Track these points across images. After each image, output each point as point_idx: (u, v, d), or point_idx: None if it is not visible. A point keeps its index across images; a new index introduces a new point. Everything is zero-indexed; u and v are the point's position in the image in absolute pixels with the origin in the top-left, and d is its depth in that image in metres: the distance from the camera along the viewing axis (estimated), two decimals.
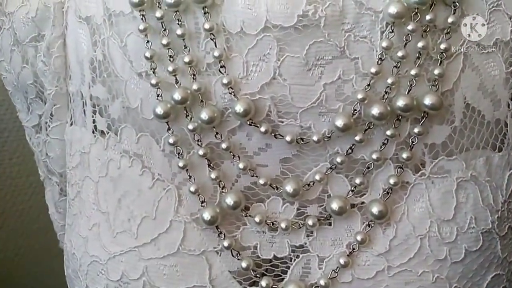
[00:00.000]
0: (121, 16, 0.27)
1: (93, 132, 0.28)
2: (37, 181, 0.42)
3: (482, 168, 0.27)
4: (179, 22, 0.25)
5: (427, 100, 0.25)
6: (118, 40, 0.27)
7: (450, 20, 0.25)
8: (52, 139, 0.32)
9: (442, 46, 0.25)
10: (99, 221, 0.27)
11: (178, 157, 0.26)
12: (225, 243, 0.25)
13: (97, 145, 0.28)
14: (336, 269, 0.25)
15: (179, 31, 0.25)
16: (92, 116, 0.28)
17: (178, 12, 0.25)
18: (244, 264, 0.25)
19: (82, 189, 0.28)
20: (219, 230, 0.25)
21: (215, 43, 0.25)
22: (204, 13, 0.25)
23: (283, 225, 0.25)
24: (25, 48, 0.31)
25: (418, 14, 0.25)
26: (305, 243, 0.26)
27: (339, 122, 0.25)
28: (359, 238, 0.25)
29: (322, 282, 0.25)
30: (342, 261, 0.25)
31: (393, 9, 0.24)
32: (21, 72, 0.32)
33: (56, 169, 0.33)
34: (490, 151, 0.27)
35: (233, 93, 0.25)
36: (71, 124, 0.30)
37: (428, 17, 0.25)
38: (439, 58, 0.26)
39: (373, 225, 0.25)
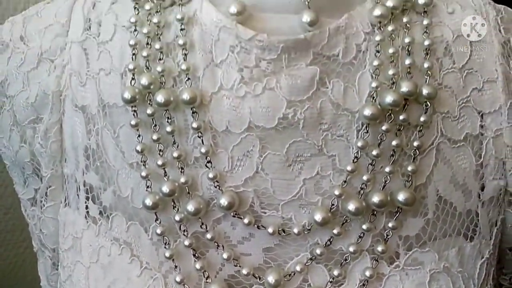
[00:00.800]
0: (115, 108, 0.29)
1: (85, 217, 0.30)
2: None
3: (455, 259, 0.28)
4: (169, 120, 0.27)
5: (401, 196, 0.26)
6: (111, 130, 0.29)
7: (422, 118, 0.27)
8: (46, 217, 0.33)
9: (415, 144, 0.27)
10: None
11: (165, 247, 0.27)
12: None
13: (89, 231, 0.29)
14: None
15: (169, 128, 0.27)
16: (85, 202, 0.30)
17: (168, 111, 0.27)
18: None
19: (73, 273, 0.29)
20: None
21: (202, 140, 0.27)
22: (193, 112, 0.27)
23: None
24: (24, 129, 0.33)
25: (392, 115, 0.27)
26: None
27: (318, 217, 0.26)
28: None
29: None
30: None
31: (368, 111, 0.26)
32: (19, 150, 0.34)
33: (49, 245, 0.34)
34: (462, 241, 0.29)
35: (218, 186, 0.27)
36: (65, 205, 0.32)
37: (401, 117, 0.27)
38: (412, 154, 0.27)
39: None
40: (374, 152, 0.26)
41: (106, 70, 0.29)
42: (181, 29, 0.27)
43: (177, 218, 0.27)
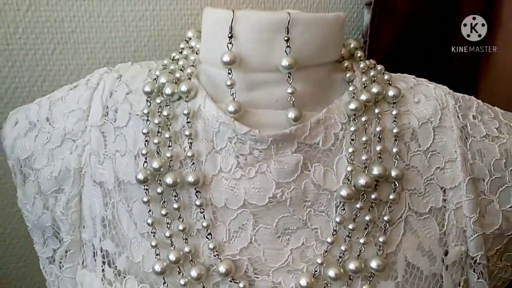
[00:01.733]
0: (129, 185, 0.34)
1: (102, 279, 0.34)
2: None
3: None
4: (176, 198, 0.32)
5: (373, 263, 0.31)
6: (125, 204, 0.33)
7: (391, 196, 0.32)
8: (65, 277, 0.37)
9: (386, 218, 0.32)
10: None
11: None
12: None
13: None
14: None
15: (175, 205, 0.32)
16: (102, 266, 0.34)
17: (175, 190, 0.32)
18: None
19: None
20: None
21: (203, 215, 0.31)
22: (196, 191, 0.32)
23: None
24: (47, 197, 0.37)
25: (365, 195, 0.32)
26: None
27: (303, 282, 0.31)
28: None
29: None
30: None
31: (344, 192, 0.31)
32: (42, 216, 0.38)
33: None
34: None
35: (217, 255, 0.31)
36: (83, 267, 0.36)
37: (373, 196, 0.32)
38: (383, 227, 0.32)
39: None
40: (350, 226, 0.31)
41: (121, 152, 0.34)
42: (187, 122, 0.33)
43: (182, 282, 0.31)
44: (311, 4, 0.56)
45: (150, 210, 0.32)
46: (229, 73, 0.32)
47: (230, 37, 0.31)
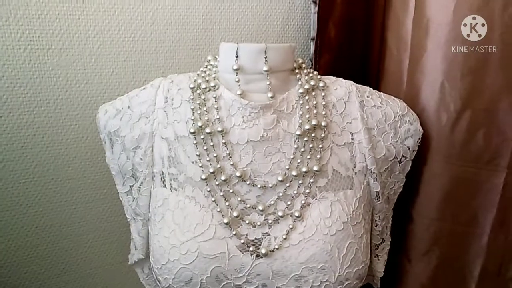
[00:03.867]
0: (183, 137, 0.62)
1: (170, 189, 0.61)
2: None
3: (342, 196, 0.61)
4: (211, 140, 0.61)
5: (315, 167, 0.60)
6: (182, 147, 0.62)
7: (322, 135, 0.62)
8: (143, 196, 0.64)
9: (320, 146, 0.61)
10: (175, 228, 0.59)
11: (211, 197, 0.59)
12: (234, 233, 0.58)
13: (172, 194, 0.61)
14: (281, 241, 0.58)
15: (211, 143, 0.60)
16: (170, 182, 0.62)
17: (210, 136, 0.61)
18: (242, 241, 0.58)
19: (165, 215, 0.60)
20: (231, 227, 0.58)
21: (226, 148, 0.60)
22: (222, 136, 0.60)
23: (258, 223, 0.59)
24: (128, 152, 0.65)
25: (309, 134, 0.61)
26: (268, 231, 0.59)
27: (280, 178, 0.59)
28: (291, 226, 0.58)
29: (276, 246, 0.57)
30: (284, 236, 0.58)
31: (298, 132, 0.60)
32: (125, 164, 0.65)
33: (143, 211, 0.65)
34: (346, 189, 0.62)
35: (235, 168, 0.60)
36: (154, 187, 0.63)
37: (313, 135, 0.61)
38: (319, 151, 0.61)
39: (295, 220, 0.59)
40: (302, 149, 0.61)
41: (177, 120, 0.63)
42: (215, 101, 0.62)
43: (216, 183, 0.60)
44: (279, 38, 0.89)
45: (197, 148, 0.61)
46: (237, 75, 0.61)
47: (236, 57, 0.61)
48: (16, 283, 0.84)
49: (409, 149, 0.67)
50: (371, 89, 0.68)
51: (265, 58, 0.61)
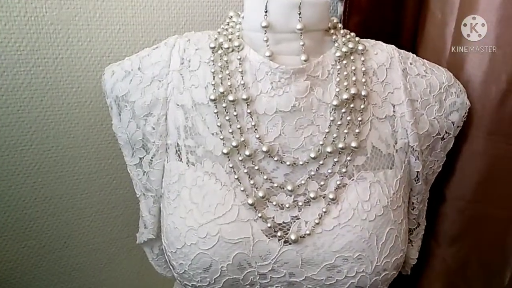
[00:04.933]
0: (202, 105, 0.54)
1: (186, 163, 0.54)
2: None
3: (382, 177, 0.54)
4: (234, 109, 0.53)
5: (353, 144, 0.52)
6: (200, 116, 0.54)
7: (362, 106, 0.54)
8: (156, 169, 0.57)
9: (359, 119, 0.53)
10: (192, 208, 0.52)
11: (234, 174, 0.52)
12: (259, 215, 0.51)
13: (189, 170, 0.54)
14: (313, 226, 0.51)
15: (234, 113, 0.52)
16: (186, 155, 0.54)
17: (234, 104, 0.53)
18: (269, 225, 0.51)
19: (180, 193, 0.53)
20: (256, 209, 0.51)
21: (252, 119, 0.52)
22: (248, 105, 0.52)
23: (287, 205, 0.52)
24: (138, 120, 0.57)
25: (346, 105, 0.53)
26: (298, 214, 0.52)
27: (312, 155, 0.52)
28: (324, 210, 0.51)
29: (307, 232, 0.51)
30: (316, 221, 0.51)
31: (335, 102, 0.52)
32: (134, 133, 0.58)
33: (154, 187, 0.58)
34: (386, 169, 0.55)
35: (261, 142, 0.52)
36: (168, 161, 0.56)
37: (351, 105, 0.53)
38: (358, 124, 0.53)
39: (330, 203, 0.52)
40: (339, 123, 0.53)
41: (195, 85, 0.55)
42: (240, 64, 0.54)
43: (240, 158, 0.52)
44: None
45: (218, 118, 0.53)
46: (265, 33, 0.53)
47: (265, 12, 0.53)
48: (14, 257, 0.78)
49: (453, 124, 0.59)
50: (414, 55, 0.60)
51: (299, 14, 0.52)
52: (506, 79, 0.62)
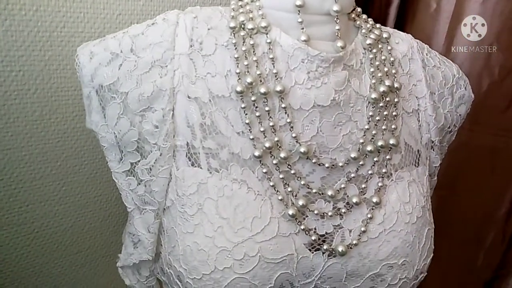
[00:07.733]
0: (222, 98, 0.44)
1: (208, 170, 0.44)
2: None
3: (416, 176, 0.51)
4: (266, 103, 0.44)
5: (391, 141, 0.48)
6: (221, 112, 0.44)
7: (396, 100, 0.49)
8: (160, 178, 0.46)
9: (394, 113, 0.49)
10: (222, 224, 0.42)
11: (268, 180, 0.44)
12: (302, 227, 0.44)
13: (213, 178, 0.44)
14: (359, 235, 0.46)
15: (266, 108, 0.44)
16: (206, 160, 0.44)
17: (266, 97, 0.44)
18: (313, 238, 0.44)
19: (203, 206, 0.43)
20: (297, 220, 0.44)
21: (287, 115, 0.44)
22: (281, 99, 0.44)
23: (329, 213, 0.45)
24: (132, 116, 0.45)
25: (383, 98, 0.48)
26: (340, 223, 0.46)
27: (353, 155, 0.46)
28: (369, 215, 0.46)
29: (354, 242, 0.45)
30: (362, 229, 0.46)
31: (373, 95, 0.47)
32: (127, 132, 0.46)
33: (157, 199, 0.47)
34: (418, 167, 0.51)
35: (297, 141, 0.45)
36: (177, 168, 0.45)
37: (387, 99, 0.48)
38: (393, 119, 0.49)
39: (374, 208, 0.47)
40: (377, 118, 0.48)
41: (212, 73, 0.45)
42: (269, 49, 0.45)
43: (274, 162, 0.44)
44: None
45: (245, 114, 0.44)
46: (299, 13, 0.45)
47: None
48: None
49: (460, 117, 0.58)
50: (427, 46, 0.58)
51: None
52: (499, 72, 0.64)
